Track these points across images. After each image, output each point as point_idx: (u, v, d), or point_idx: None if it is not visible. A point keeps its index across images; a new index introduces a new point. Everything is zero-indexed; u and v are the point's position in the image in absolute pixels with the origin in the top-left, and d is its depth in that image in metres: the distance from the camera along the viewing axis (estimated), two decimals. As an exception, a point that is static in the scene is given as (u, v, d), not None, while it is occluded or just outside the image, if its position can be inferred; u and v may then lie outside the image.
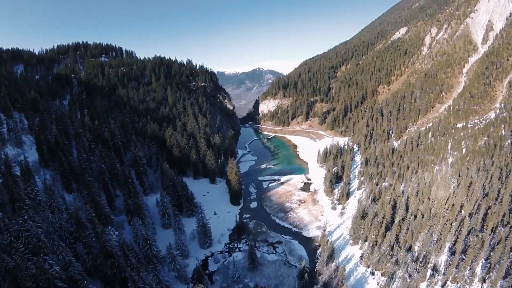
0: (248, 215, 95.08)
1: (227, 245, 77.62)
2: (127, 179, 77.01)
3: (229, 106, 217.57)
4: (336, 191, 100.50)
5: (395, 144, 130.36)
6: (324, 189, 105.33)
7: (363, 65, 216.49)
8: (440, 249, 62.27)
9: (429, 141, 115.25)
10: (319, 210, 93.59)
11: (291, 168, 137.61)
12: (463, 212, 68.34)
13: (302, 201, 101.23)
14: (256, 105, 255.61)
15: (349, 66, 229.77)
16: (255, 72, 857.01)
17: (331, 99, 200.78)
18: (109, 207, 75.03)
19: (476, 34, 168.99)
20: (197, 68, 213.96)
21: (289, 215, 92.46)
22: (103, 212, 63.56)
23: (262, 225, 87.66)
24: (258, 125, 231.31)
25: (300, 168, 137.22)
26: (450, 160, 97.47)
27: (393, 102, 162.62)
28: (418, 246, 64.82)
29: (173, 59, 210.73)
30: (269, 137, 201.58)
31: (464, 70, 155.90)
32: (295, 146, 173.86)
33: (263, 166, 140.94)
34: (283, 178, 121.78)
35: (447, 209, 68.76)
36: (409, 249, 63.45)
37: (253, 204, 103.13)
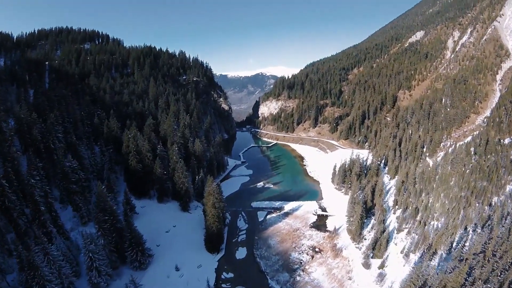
0: (230, 275, 61.59)
1: None
2: (36, 206, 47.71)
3: (224, 106, 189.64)
4: (365, 232, 69.87)
5: (429, 161, 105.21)
6: (347, 227, 74.30)
7: (380, 67, 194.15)
8: None
9: (473, 160, 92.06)
10: (344, 269, 61.54)
11: (298, 189, 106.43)
12: None
13: (317, 250, 68.98)
14: (256, 106, 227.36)
15: (362, 69, 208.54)
16: (258, 77, 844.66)
17: (344, 103, 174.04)
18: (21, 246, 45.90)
19: (506, 39, 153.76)
20: (190, 60, 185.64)
21: (297, 278, 59.96)
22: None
23: (251, 301, 54.93)
24: (257, 130, 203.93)
25: (310, 190, 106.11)
26: (508, 188, 74.83)
27: (420, 110, 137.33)
28: None
29: (164, 50, 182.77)
30: (270, 145, 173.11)
31: (498, 77, 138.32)
32: (302, 158, 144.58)
33: (260, 184, 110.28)
34: (287, 206, 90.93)
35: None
36: None
37: (241, 253, 69.67)
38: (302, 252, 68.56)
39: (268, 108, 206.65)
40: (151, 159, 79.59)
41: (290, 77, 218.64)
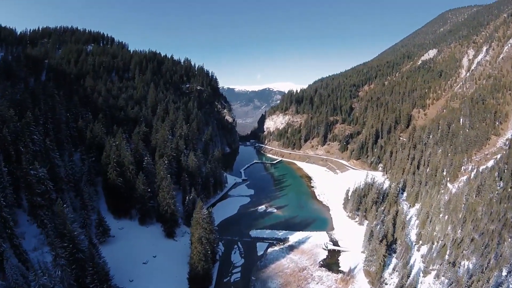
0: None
1: None
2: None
3: (228, 118, 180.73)
4: (386, 274, 57.51)
5: (450, 187, 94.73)
6: (364, 268, 61.67)
7: (392, 85, 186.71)
8: None
9: (499, 187, 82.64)
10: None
11: (305, 216, 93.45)
12: None
13: (328, 297, 55.80)
14: (262, 120, 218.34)
15: (373, 86, 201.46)
16: (265, 92, 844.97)
17: (355, 121, 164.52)
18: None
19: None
20: (195, 68, 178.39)
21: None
22: None
23: None
24: (262, 145, 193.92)
25: (319, 218, 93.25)
26: (544, 220, 65.23)
27: (438, 130, 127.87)
28: None
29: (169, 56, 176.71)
30: (274, 162, 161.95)
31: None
32: (309, 179, 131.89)
33: (262, 208, 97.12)
34: (293, 238, 77.85)
35: None
36: None
37: (233, 297, 56.58)
38: (310, 301, 54.69)
39: (274, 123, 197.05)
40: (133, 173, 67.43)
41: (298, 91, 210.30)
